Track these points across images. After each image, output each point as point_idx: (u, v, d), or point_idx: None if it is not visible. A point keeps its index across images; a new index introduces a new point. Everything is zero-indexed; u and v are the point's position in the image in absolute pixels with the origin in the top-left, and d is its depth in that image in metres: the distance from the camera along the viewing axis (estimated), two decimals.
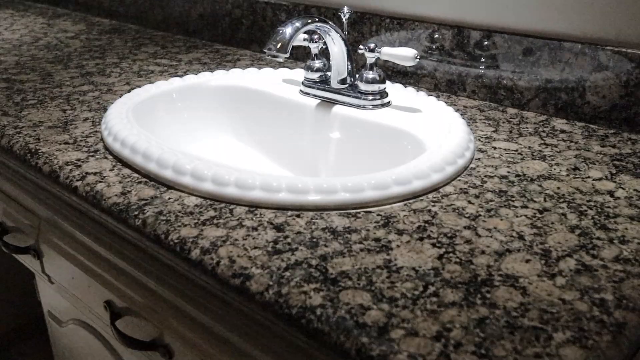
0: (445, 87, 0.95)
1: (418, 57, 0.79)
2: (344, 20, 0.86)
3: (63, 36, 1.37)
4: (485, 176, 0.67)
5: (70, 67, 1.10)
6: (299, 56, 1.13)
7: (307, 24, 0.77)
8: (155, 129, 0.83)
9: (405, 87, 0.92)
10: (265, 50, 0.75)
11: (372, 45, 0.81)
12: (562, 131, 0.79)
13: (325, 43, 0.84)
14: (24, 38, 1.35)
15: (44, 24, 1.50)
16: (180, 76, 1.02)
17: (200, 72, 1.05)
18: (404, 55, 0.79)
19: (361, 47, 0.82)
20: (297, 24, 0.76)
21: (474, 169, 0.69)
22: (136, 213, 0.60)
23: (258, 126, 0.92)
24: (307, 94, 0.88)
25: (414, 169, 0.63)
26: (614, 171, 0.68)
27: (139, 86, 0.98)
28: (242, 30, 1.23)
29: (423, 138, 0.73)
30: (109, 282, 0.75)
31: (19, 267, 1.19)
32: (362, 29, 1.02)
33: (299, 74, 0.98)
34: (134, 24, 1.49)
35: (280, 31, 0.75)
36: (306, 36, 0.87)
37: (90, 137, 0.78)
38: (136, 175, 0.68)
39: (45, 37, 1.36)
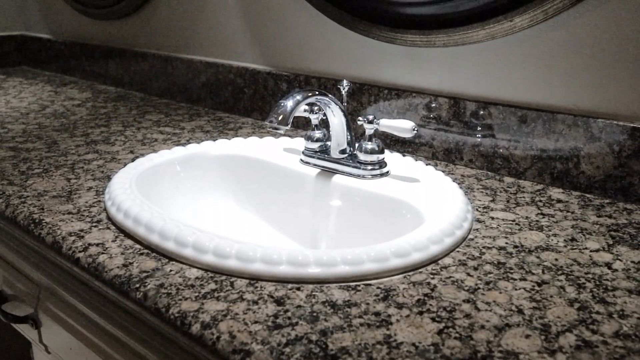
0: (443, 156, 0.97)
1: (416, 129, 0.81)
2: (343, 93, 0.89)
3: (70, 104, 1.40)
4: (484, 247, 0.67)
5: (76, 135, 1.13)
6: (300, 124, 1.16)
7: (308, 97, 0.80)
8: (158, 198, 0.84)
9: (404, 156, 0.93)
10: (266, 122, 0.77)
11: (370, 117, 0.84)
12: (559, 201, 0.81)
13: (325, 114, 0.86)
14: (32, 106, 1.38)
15: (51, 92, 1.55)
16: (183, 144, 1.04)
17: (202, 140, 1.07)
18: (401, 127, 0.81)
19: (360, 118, 0.84)
20: (298, 97, 0.79)
21: (472, 239, 0.69)
22: (137, 286, 0.60)
23: (259, 195, 0.94)
24: (307, 163, 0.90)
25: (413, 241, 0.63)
26: (611, 242, 0.68)
27: (143, 154, 1.00)
28: (244, 99, 1.26)
29: (422, 208, 0.74)
30: (108, 354, 0.74)
31: (14, 335, 1.18)
32: (360, 98, 1.06)
33: (300, 142, 1.00)
34: (139, 91, 1.54)
35: (282, 104, 0.78)
36: (307, 107, 0.90)
37: (94, 206, 0.79)
38: (138, 246, 0.68)
39: (52, 104, 1.40)
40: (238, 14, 1.26)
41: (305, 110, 0.90)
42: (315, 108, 0.90)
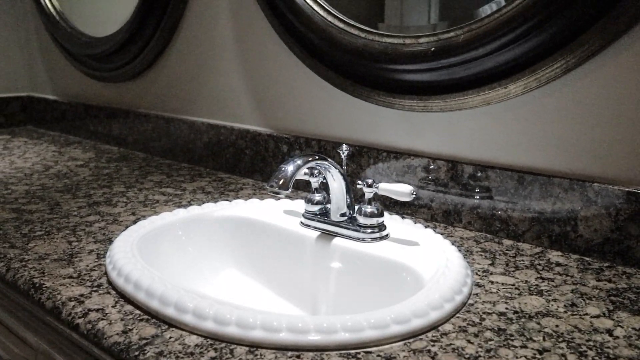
0: (442, 218, 0.98)
1: (414, 193, 0.82)
2: (343, 157, 0.90)
3: (73, 164, 1.42)
4: (484, 313, 0.67)
5: (78, 197, 1.14)
6: (300, 186, 1.18)
7: (308, 161, 0.82)
8: (158, 261, 0.84)
9: (403, 218, 0.94)
10: (267, 187, 0.79)
11: (370, 181, 0.85)
12: (558, 264, 0.81)
13: (325, 177, 0.88)
14: (35, 167, 1.40)
15: (55, 152, 1.57)
16: (185, 206, 1.05)
17: (203, 202, 1.09)
18: (400, 191, 0.82)
19: (359, 182, 0.85)
20: (299, 162, 0.81)
21: (472, 304, 0.69)
22: (136, 354, 0.60)
23: (260, 257, 0.94)
24: (307, 225, 0.91)
25: (413, 307, 0.63)
26: (611, 307, 0.68)
27: (144, 216, 1.00)
28: (245, 160, 1.28)
29: (421, 272, 0.75)
30: None
31: None
32: (360, 160, 1.07)
33: (300, 204, 1.01)
34: (142, 151, 1.56)
35: (283, 169, 0.79)
36: (307, 171, 0.92)
37: (95, 270, 0.80)
38: (138, 312, 0.68)
39: (55, 165, 1.42)
40: (240, 78, 1.30)
41: (305, 174, 0.92)
42: (316, 171, 0.91)
